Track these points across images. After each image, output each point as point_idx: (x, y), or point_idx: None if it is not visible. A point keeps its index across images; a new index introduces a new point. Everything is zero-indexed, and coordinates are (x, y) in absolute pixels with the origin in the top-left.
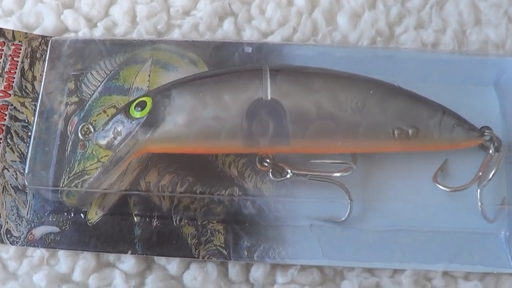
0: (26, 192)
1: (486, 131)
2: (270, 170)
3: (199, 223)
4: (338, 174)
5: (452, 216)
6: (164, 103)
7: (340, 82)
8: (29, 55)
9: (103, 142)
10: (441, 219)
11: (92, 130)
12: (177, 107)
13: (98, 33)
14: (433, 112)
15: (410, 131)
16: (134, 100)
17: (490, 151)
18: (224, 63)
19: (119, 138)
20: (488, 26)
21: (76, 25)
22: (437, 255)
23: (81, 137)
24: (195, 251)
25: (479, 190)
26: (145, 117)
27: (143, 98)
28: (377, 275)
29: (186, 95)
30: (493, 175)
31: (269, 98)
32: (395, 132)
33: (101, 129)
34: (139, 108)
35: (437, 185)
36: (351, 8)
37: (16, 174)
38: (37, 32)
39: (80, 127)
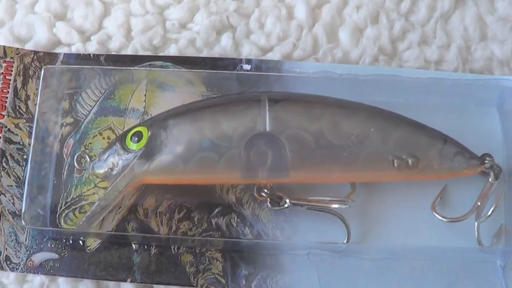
0: None
1: (487, 158)
2: (268, 200)
3: (197, 251)
4: (336, 206)
5: (449, 245)
6: (161, 134)
7: (340, 111)
8: (21, 73)
9: (100, 171)
10: (438, 247)
11: (88, 159)
12: (174, 138)
13: (91, 47)
14: (434, 141)
15: (410, 161)
16: (130, 129)
17: (490, 179)
18: (222, 83)
19: (115, 169)
20: (494, 41)
21: (69, 38)
22: (433, 284)
23: (77, 166)
24: (193, 279)
25: (476, 224)
26: (142, 149)
27: (139, 128)
28: None
29: (183, 125)
30: (492, 211)
31: (267, 129)
32: (395, 162)
33: (97, 159)
34: (136, 139)
35: (435, 214)
36: (353, 22)
37: (13, 199)
38: (29, 45)
39: (76, 156)
